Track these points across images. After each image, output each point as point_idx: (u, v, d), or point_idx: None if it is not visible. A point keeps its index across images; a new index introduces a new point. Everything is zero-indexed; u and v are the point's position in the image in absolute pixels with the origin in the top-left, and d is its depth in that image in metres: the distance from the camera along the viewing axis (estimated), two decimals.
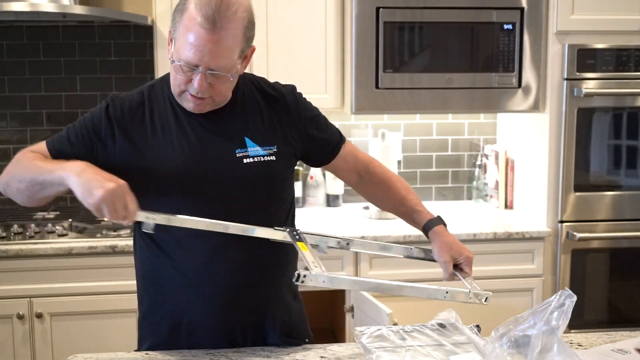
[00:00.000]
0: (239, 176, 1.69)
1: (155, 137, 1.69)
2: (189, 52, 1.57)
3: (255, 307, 1.75)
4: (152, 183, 1.68)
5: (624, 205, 3.11)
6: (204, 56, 1.56)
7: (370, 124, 3.53)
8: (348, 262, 2.94)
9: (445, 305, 1.79)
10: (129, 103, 1.73)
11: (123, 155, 1.69)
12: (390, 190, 1.90)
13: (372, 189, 1.93)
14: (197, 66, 1.58)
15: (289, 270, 1.78)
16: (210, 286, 1.70)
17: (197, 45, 1.56)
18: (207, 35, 1.55)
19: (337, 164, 1.88)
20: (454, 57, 3.06)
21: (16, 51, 3.31)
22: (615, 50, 3.02)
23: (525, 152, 3.32)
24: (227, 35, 1.57)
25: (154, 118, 1.71)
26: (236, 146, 1.70)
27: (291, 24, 3.10)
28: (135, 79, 3.36)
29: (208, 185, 1.68)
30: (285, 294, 1.82)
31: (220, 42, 1.56)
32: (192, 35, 1.56)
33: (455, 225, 3.10)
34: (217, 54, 1.57)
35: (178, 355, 1.68)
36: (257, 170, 1.70)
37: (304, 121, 1.80)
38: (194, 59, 1.57)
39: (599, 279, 3.15)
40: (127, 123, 1.70)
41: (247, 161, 1.70)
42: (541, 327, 1.38)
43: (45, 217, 3.12)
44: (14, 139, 3.36)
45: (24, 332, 2.82)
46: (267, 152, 1.72)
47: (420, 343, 1.65)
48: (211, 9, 1.54)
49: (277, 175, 1.74)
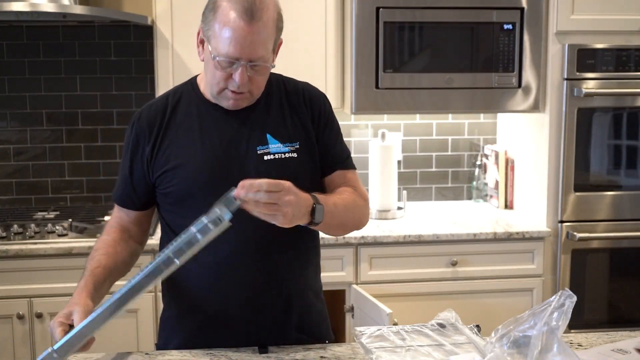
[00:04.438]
0: (261, 173, 1.67)
1: (179, 140, 1.73)
2: (229, 46, 1.60)
3: (276, 307, 1.76)
4: (178, 185, 1.72)
5: (624, 205, 3.11)
6: (245, 48, 1.60)
7: (370, 124, 3.53)
8: (348, 262, 2.94)
9: (445, 305, 1.79)
10: (153, 113, 1.77)
11: (155, 167, 1.74)
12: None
13: None
14: (238, 59, 1.61)
15: (309, 268, 1.81)
16: (229, 287, 1.72)
17: (237, 37, 1.59)
18: (246, 27, 1.59)
19: (327, 182, 1.83)
20: (454, 57, 3.07)
21: (16, 51, 3.31)
22: (615, 50, 3.02)
23: (525, 152, 3.32)
24: (264, 26, 1.61)
25: (178, 121, 1.75)
26: (258, 143, 1.72)
27: (291, 24, 3.08)
28: (135, 79, 3.37)
29: (230, 184, 1.66)
30: (306, 292, 1.82)
31: (259, 33, 1.61)
32: (230, 30, 1.59)
33: (455, 226, 3.10)
34: (257, 44, 1.61)
35: (178, 355, 1.68)
36: (279, 167, 1.71)
37: (323, 128, 1.80)
38: (235, 52, 1.60)
39: (599, 279, 3.15)
40: (154, 135, 1.74)
41: (267, 158, 1.71)
42: (541, 327, 1.38)
43: (45, 217, 3.12)
44: (14, 139, 3.36)
45: (24, 332, 2.82)
46: (289, 149, 1.73)
47: (420, 343, 1.65)
48: (247, 1, 1.59)
49: (299, 171, 1.74)
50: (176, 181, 1.72)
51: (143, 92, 3.37)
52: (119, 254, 1.76)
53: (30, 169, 3.37)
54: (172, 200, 1.75)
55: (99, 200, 3.42)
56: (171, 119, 1.75)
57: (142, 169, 1.76)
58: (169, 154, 1.73)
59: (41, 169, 3.38)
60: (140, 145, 1.75)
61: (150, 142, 1.74)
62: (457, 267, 3.01)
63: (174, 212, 1.76)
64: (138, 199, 1.79)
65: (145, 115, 1.77)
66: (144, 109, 1.79)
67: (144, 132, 1.75)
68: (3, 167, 3.35)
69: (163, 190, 1.75)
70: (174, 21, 3.01)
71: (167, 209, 1.78)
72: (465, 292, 3.02)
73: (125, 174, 1.79)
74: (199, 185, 1.70)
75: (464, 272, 3.02)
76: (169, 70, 3.06)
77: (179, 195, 1.72)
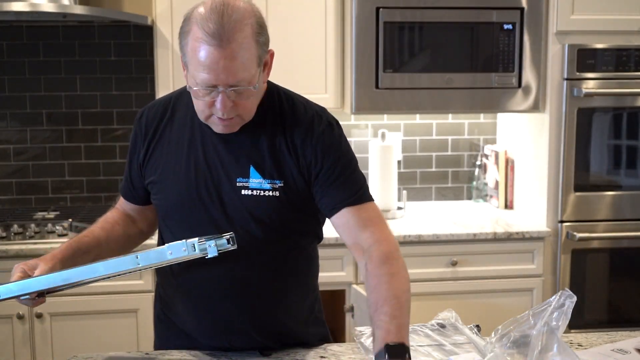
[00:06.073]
0: (237, 207, 1.60)
1: (169, 155, 1.67)
2: (203, 73, 1.46)
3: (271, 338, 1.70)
4: (161, 199, 1.69)
5: (624, 205, 3.11)
6: (220, 74, 1.45)
7: (370, 124, 3.53)
8: (348, 262, 2.94)
9: (445, 305, 1.79)
10: (152, 115, 1.72)
11: (147, 172, 1.71)
12: (380, 287, 1.51)
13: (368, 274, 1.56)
14: (216, 86, 1.48)
15: (309, 297, 1.76)
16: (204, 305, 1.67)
17: (209, 64, 1.45)
18: (216, 52, 1.43)
19: (333, 223, 1.64)
20: (454, 57, 3.06)
21: (16, 51, 3.31)
22: (615, 50, 3.02)
23: (525, 152, 3.32)
24: (238, 47, 1.45)
25: (172, 132, 1.68)
26: (239, 174, 1.60)
27: (291, 24, 3.10)
28: (135, 79, 3.37)
29: (207, 214, 1.62)
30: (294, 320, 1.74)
31: (233, 57, 1.45)
32: (202, 56, 1.44)
33: (455, 226, 3.10)
34: (233, 68, 1.45)
35: (178, 355, 1.68)
36: (255, 204, 1.59)
37: (315, 159, 1.60)
38: (210, 80, 1.46)
39: (599, 279, 3.15)
40: (149, 138, 1.71)
41: (245, 193, 1.59)
42: (541, 327, 1.38)
43: (45, 217, 3.12)
44: (14, 139, 3.36)
45: (24, 332, 2.81)
46: (271, 187, 1.59)
47: (420, 343, 1.65)
48: (214, 23, 1.43)
49: (280, 211, 1.60)
50: (160, 195, 1.69)
51: (143, 92, 3.37)
52: (115, 231, 1.74)
53: (30, 169, 3.37)
54: (161, 211, 1.72)
55: (99, 200, 3.42)
56: (167, 126, 1.69)
57: (137, 170, 1.74)
58: (158, 165, 1.68)
59: (41, 169, 3.38)
60: (137, 147, 1.73)
61: (144, 146, 1.70)
62: (457, 267, 3.00)
63: (165, 224, 1.72)
64: (138, 195, 1.78)
65: (146, 117, 1.73)
66: (146, 109, 1.74)
67: (142, 134, 1.72)
68: (3, 167, 3.35)
69: (153, 199, 1.73)
70: (174, 21, 3.01)
71: (160, 219, 1.75)
72: (465, 292, 3.02)
73: (127, 169, 1.78)
74: (179, 206, 1.65)
75: (464, 272, 3.02)
76: (169, 71, 3.06)
77: (164, 208, 1.70)
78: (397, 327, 1.41)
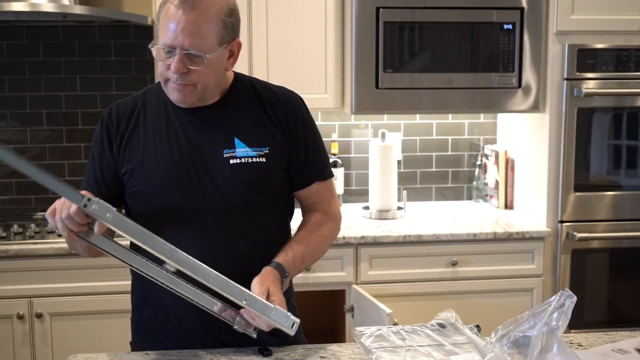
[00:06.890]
0: (227, 177, 1.69)
1: (147, 140, 1.73)
2: (165, 35, 1.61)
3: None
4: (143, 184, 1.71)
5: (624, 205, 3.11)
6: (177, 35, 1.60)
7: (370, 124, 3.53)
8: (348, 262, 2.94)
9: (445, 305, 1.79)
10: (122, 109, 1.77)
11: (123, 162, 1.73)
12: (302, 226, 1.83)
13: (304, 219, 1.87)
14: (173, 48, 1.61)
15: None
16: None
17: (171, 25, 1.60)
18: (181, 15, 1.59)
19: (299, 194, 1.84)
20: (454, 57, 3.07)
21: (16, 51, 3.31)
22: (615, 50, 3.02)
23: (525, 152, 3.32)
24: (200, 14, 1.60)
25: (147, 120, 1.74)
26: (224, 146, 1.71)
27: (291, 24, 3.10)
28: (135, 79, 3.37)
29: (195, 187, 1.69)
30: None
31: (193, 22, 1.60)
32: (169, 20, 1.61)
33: (455, 226, 3.10)
34: (190, 32, 1.60)
35: (178, 355, 1.68)
36: (245, 171, 1.70)
37: (297, 138, 1.77)
38: (167, 40, 1.61)
39: (599, 279, 3.15)
40: (122, 130, 1.74)
41: (234, 162, 1.70)
42: (541, 327, 1.38)
43: (45, 217, 3.12)
44: (14, 139, 3.36)
45: (24, 332, 2.82)
46: (257, 154, 1.71)
47: (420, 343, 1.65)
48: None
49: (267, 176, 1.73)
50: (141, 181, 1.71)
51: None
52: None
53: None
54: (140, 200, 1.72)
55: None
56: (139, 116, 1.75)
57: (109, 166, 1.75)
58: (136, 152, 1.72)
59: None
60: (108, 141, 1.75)
61: (118, 138, 1.74)
62: (457, 267, 3.01)
63: (144, 213, 1.72)
64: (103, 197, 1.67)
65: (115, 112, 1.77)
66: (114, 106, 1.79)
67: (113, 126, 1.75)
68: (3, 167, 3.35)
69: (130, 189, 1.73)
70: None
71: (137, 211, 1.74)
72: (465, 292, 3.02)
73: (90, 172, 1.77)
74: (166, 185, 1.69)
75: (464, 272, 3.02)
76: None
77: (145, 195, 1.71)
78: (293, 256, 1.71)
